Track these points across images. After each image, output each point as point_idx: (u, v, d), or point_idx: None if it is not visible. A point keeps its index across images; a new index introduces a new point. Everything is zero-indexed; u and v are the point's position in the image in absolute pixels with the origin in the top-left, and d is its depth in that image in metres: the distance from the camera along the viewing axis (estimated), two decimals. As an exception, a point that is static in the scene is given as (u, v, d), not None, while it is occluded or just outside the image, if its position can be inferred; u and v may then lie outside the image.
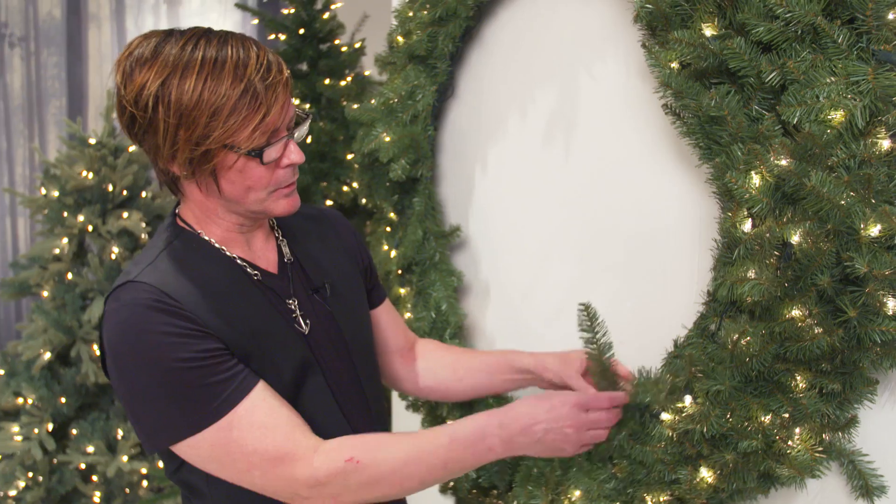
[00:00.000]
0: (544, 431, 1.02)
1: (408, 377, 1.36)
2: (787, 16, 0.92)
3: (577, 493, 1.19)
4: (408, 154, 1.66)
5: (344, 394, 1.11)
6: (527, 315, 1.62)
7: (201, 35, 0.95)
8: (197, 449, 0.96)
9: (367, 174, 1.79)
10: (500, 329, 1.71)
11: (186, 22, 5.30)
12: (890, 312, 0.86)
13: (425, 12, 1.62)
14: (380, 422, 1.17)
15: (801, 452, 0.96)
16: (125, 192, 2.59)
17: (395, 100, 1.69)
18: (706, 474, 1.03)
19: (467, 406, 1.50)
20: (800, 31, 0.93)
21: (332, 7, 2.42)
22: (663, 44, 1.07)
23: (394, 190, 1.75)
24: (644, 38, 1.12)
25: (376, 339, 1.31)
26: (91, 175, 2.52)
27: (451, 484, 1.55)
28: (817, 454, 0.96)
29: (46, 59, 5.39)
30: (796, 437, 0.96)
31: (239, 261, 1.05)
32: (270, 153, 0.97)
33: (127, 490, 2.54)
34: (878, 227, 0.85)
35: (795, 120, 0.91)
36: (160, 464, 2.45)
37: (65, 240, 2.49)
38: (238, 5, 2.40)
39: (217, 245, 1.05)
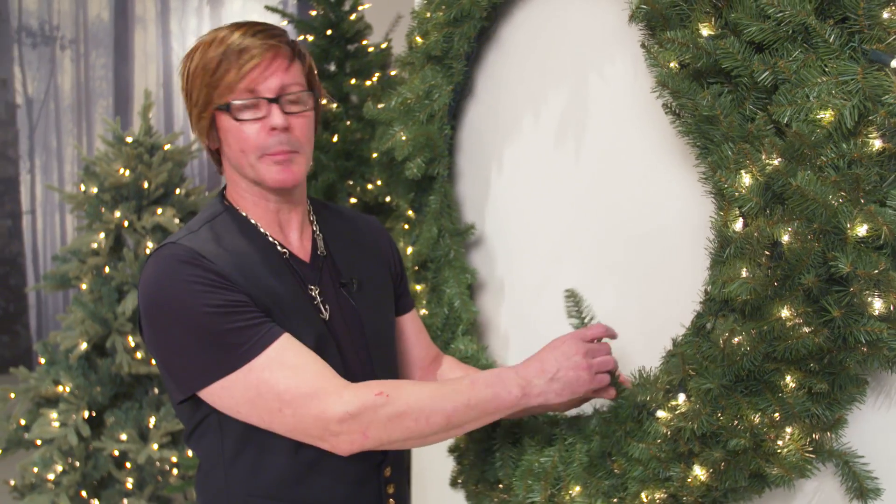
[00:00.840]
0: (556, 368, 1.09)
1: None
2: (779, 15, 0.92)
3: (577, 488, 1.20)
4: (423, 152, 1.69)
5: (358, 377, 1.12)
6: (538, 313, 1.64)
7: (227, 26, 1.10)
8: (230, 391, 1.01)
9: (385, 172, 1.82)
10: (512, 326, 1.73)
11: (228, 22, 5.43)
12: (876, 313, 0.85)
13: (441, 13, 1.64)
14: None
15: (790, 452, 0.96)
16: (160, 189, 2.68)
17: (413, 99, 1.72)
18: (699, 472, 1.04)
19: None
20: (791, 31, 0.92)
21: (360, 8, 2.46)
22: (662, 44, 1.07)
23: (411, 188, 1.78)
24: (644, 39, 1.13)
25: (398, 348, 1.35)
26: (128, 172, 2.61)
27: (461, 479, 1.57)
28: (807, 454, 0.96)
29: (95, 61, 5.57)
30: (786, 436, 0.96)
31: (270, 238, 1.14)
32: (243, 112, 1.07)
33: (159, 478, 2.63)
34: (865, 226, 0.85)
35: (786, 119, 0.91)
36: (189, 452, 2.53)
37: (102, 234, 2.59)
38: (268, 7, 2.47)
39: (252, 221, 1.15)
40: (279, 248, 1.14)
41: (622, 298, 1.39)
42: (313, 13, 2.41)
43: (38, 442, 2.60)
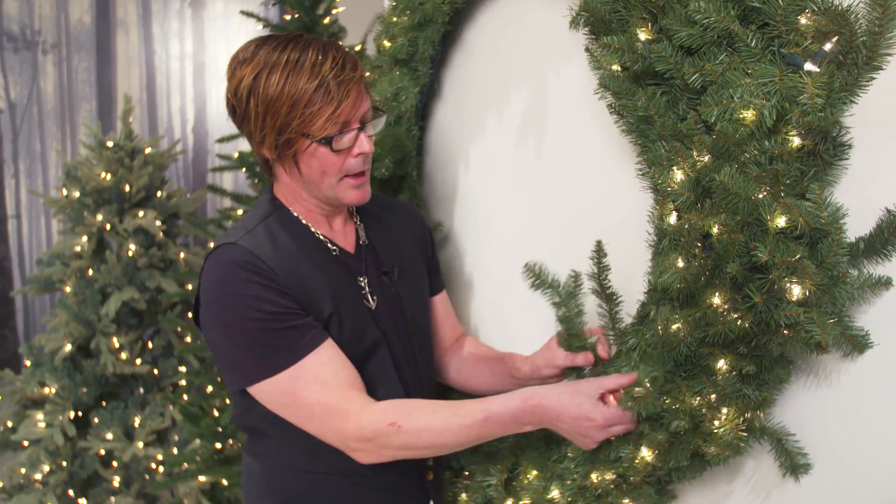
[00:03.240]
0: (570, 428, 1.09)
1: (444, 368, 1.48)
2: (705, 21, 0.98)
3: (534, 472, 1.26)
4: (392, 153, 1.74)
5: (403, 369, 1.25)
6: (506, 305, 1.70)
7: (290, 39, 1.12)
8: (269, 393, 1.11)
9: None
10: (482, 319, 1.78)
11: (210, 26, 5.46)
12: (794, 298, 0.91)
13: (405, 18, 1.70)
14: (432, 397, 1.32)
15: (726, 432, 1.02)
16: (141, 193, 2.72)
17: (381, 101, 1.77)
18: (646, 453, 1.10)
19: (442, 393, 1.58)
20: (717, 36, 0.98)
21: (334, 11, 2.51)
22: (603, 48, 1.13)
23: (381, 187, 1.83)
24: (588, 43, 1.18)
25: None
26: (109, 176, 2.65)
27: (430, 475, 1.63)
28: (741, 433, 1.02)
29: (77, 64, 5.59)
30: (722, 417, 1.02)
31: (321, 237, 1.21)
32: (341, 142, 1.12)
33: (146, 476, 2.68)
34: (784, 218, 0.91)
35: (713, 119, 0.97)
36: (174, 450, 2.58)
37: (85, 238, 2.63)
38: (244, 12, 2.51)
39: (304, 222, 1.21)
40: (329, 245, 1.21)
41: (583, 289, 1.45)
42: (288, 17, 2.45)
43: (25, 443, 2.64)
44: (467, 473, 1.48)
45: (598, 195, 1.41)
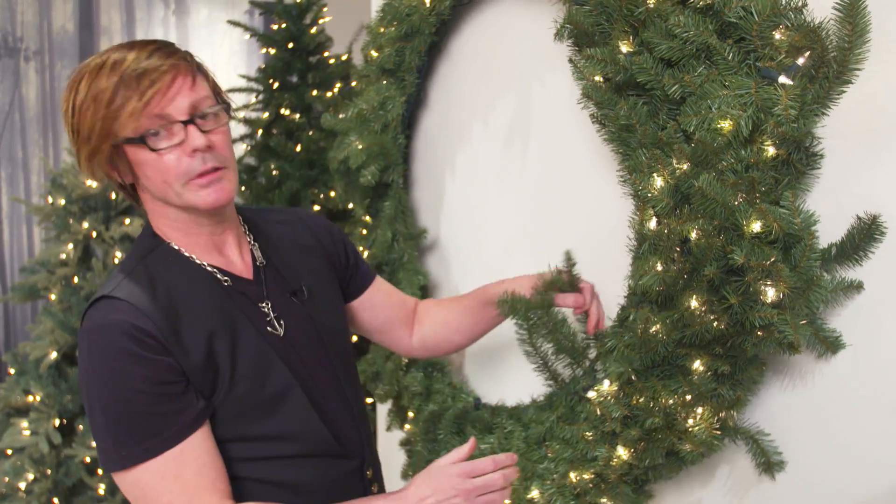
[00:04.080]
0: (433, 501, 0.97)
1: (414, 345, 1.40)
2: (684, 35, 1.02)
3: (518, 472, 1.29)
4: (377, 161, 1.77)
5: (324, 398, 1.12)
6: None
7: (113, 48, 1.01)
8: (122, 482, 0.98)
9: (343, 179, 1.90)
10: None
11: (195, 34, 5.47)
12: (768, 300, 0.95)
13: (392, 29, 1.73)
14: (362, 421, 1.19)
15: (700, 430, 1.05)
16: (127, 201, 2.72)
17: (367, 110, 1.80)
18: (622, 452, 1.13)
19: (425, 395, 1.61)
20: (696, 49, 1.02)
21: (321, 21, 2.54)
22: (586, 59, 1.17)
23: (367, 194, 1.86)
24: (571, 54, 1.22)
25: (377, 320, 1.37)
26: (95, 184, 2.66)
27: (411, 471, 1.66)
28: (714, 431, 1.05)
29: (60, 72, 5.57)
30: (696, 416, 1.06)
31: (209, 268, 1.07)
32: (158, 139, 0.98)
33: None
34: (759, 223, 0.95)
35: (692, 128, 1.01)
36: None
37: (70, 245, 2.63)
38: (231, 22, 2.53)
39: (187, 254, 1.07)
40: (219, 276, 1.07)
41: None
42: (275, 27, 2.48)
43: (9, 451, 2.63)
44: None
45: (582, 202, 1.45)
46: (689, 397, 1.05)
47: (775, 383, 1.09)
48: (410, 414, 1.60)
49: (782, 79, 0.97)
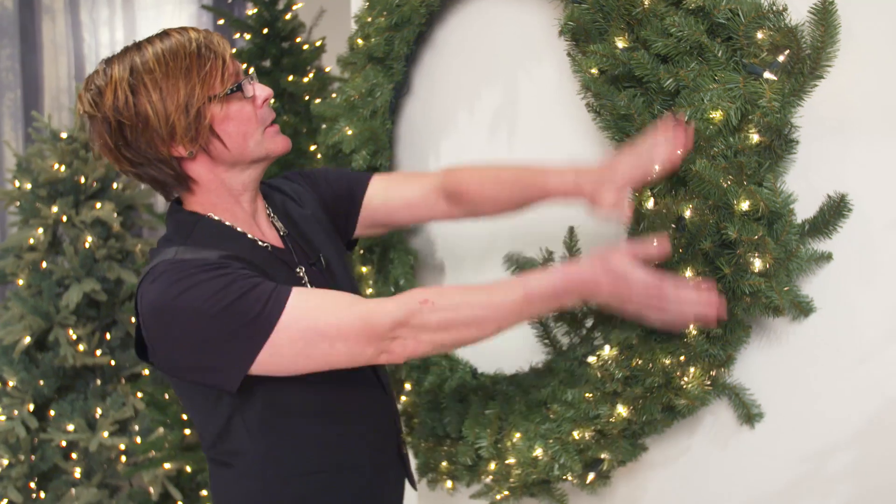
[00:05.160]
0: (609, 294, 1.06)
1: (448, 210, 1.37)
2: (679, 34, 1.14)
3: (517, 434, 1.40)
4: (368, 146, 1.85)
5: None
6: (477, 288, 1.83)
7: (158, 35, 1.07)
8: (278, 354, 1.00)
9: (331, 164, 1.97)
10: (453, 302, 1.91)
11: (141, 15, 5.36)
12: (756, 270, 1.09)
13: (382, 19, 1.80)
14: (382, 371, 1.29)
15: (694, 386, 1.19)
16: (97, 184, 2.72)
17: (356, 97, 1.87)
18: (622, 409, 1.25)
19: (423, 368, 1.70)
20: (689, 47, 1.14)
21: (294, 8, 2.58)
22: (585, 53, 1.27)
23: (357, 178, 1.94)
24: (569, 48, 1.33)
25: (399, 211, 1.38)
26: (63, 168, 2.64)
27: (409, 439, 1.75)
28: (706, 387, 1.19)
29: (0, 52, 5.39)
30: (690, 374, 1.19)
31: (251, 237, 1.14)
32: (248, 88, 1.10)
33: (105, 466, 2.69)
34: (747, 202, 1.08)
35: (686, 118, 1.13)
36: (138, 439, 2.61)
37: (40, 230, 2.61)
38: (205, 6, 2.55)
39: (227, 223, 1.13)
40: (261, 244, 1.15)
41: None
42: (250, 12, 2.51)
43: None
44: (449, 440, 1.62)
45: (568, 185, 1.56)
46: (683, 358, 1.18)
47: (755, 343, 1.23)
48: (408, 386, 1.70)
49: (766, 74, 1.10)
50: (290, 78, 2.50)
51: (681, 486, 1.37)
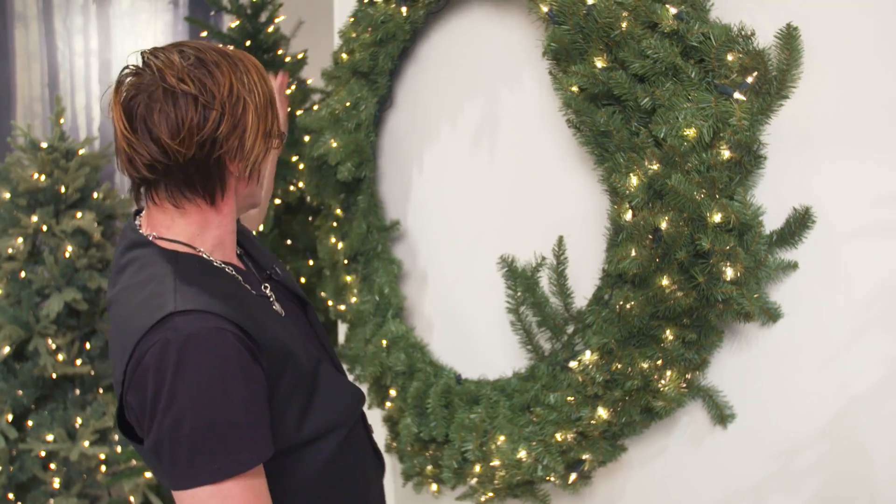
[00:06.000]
0: None
1: None
2: (655, 55, 1.20)
3: (502, 437, 1.46)
4: (353, 157, 1.89)
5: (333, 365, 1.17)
6: (458, 298, 1.88)
7: (200, 45, 1.03)
8: (199, 498, 0.91)
9: (315, 175, 2.01)
10: (435, 310, 1.96)
11: (116, 23, 5.35)
12: (728, 278, 1.15)
13: (367, 34, 1.85)
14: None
15: (671, 389, 1.25)
16: (77, 194, 2.73)
17: (341, 110, 1.92)
18: (602, 412, 1.31)
19: (408, 374, 1.75)
20: (664, 68, 1.21)
21: (276, 20, 2.62)
22: (566, 72, 1.34)
23: (340, 189, 1.98)
24: (550, 67, 1.39)
25: None
26: (43, 177, 2.65)
27: (395, 444, 1.80)
28: (682, 389, 1.25)
29: (-27, 59, 5.33)
30: (667, 377, 1.25)
31: (228, 269, 1.07)
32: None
33: (85, 476, 2.69)
34: (720, 215, 1.15)
35: (662, 135, 1.20)
36: (118, 448, 2.61)
37: (20, 239, 2.61)
38: (188, 19, 2.57)
39: (210, 258, 1.06)
40: (230, 270, 1.08)
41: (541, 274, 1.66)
42: (233, 25, 2.54)
43: (-45, 449, 2.59)
44: (435, 445, 1.66)
45: (548, 197, 1.62)
46: (660, 362, 1.24)
47: (727, 348, 1.30)
48: (392, 392, 1.74)
49: (736, 94, 1.17)
50: (273, 90, 2.54)
51: (659, 484, 1.43)
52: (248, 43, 2.54)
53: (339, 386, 1.13)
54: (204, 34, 2.56)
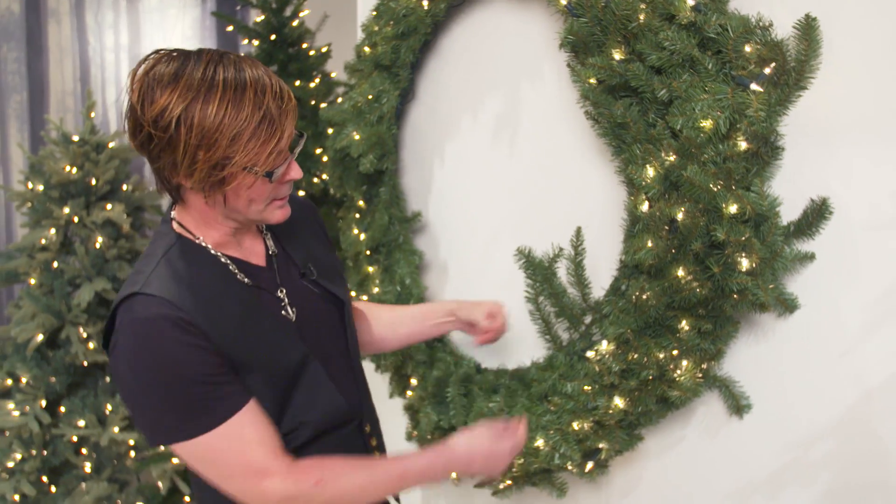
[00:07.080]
0: (482, 468, 1.18)
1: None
2: (672, 47, 1.21)
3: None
4: (375, 150, 1.92)
5: (338, 371, 1.20)
6: (479, 287, 1.90)
7: (219, 58, 0.99)
8: (189, 452, 1.05)
9: (338, 168, 2.04)
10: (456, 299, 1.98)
11: (145, 18, 5.43)
12: (744, 269, 1.16)
13: (389, 28, 1.87)
14: (364, 389, 1.29)
15: (686, 379, 1.26)
16: (107, 186, 2.79)
17: (363, 102, 1.94)
18: (618, 401, 1.33)
19: (429, 363, 1.78)
20: (681, 60, 1.22)
21: (301, 14, 2.65)
22: (583, 64, 1.35)
23: (362, 181, 2.01)
24: (569, 59, 1.40)
25: None
26: (75, 170, 2.71)
27: (415, 433, 1.82)
28: (698, 379, 1.26)
29: (6, 55, 5.46)
30: (683, 367, 1.26)
31: (231, 266, 1.11)
32: (279, 172, 1.03)
33: (115, 461, 2.76)
34: (735, 206, 1.16)
35: (679, 126, 1.21)
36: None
37: (52, 230, 2.68)
38: (215, 14, 2.62)
39: (213, 251, 1.10)
40: (239, 273, 1.12)
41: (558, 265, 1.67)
42: (259, 19, 2.58)
43: (-4, 432, 2.68)
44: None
45: (567, 188, 1.63)
46: (676, 352, 1.25)
47: (744, 339, 1.31)
48: (413, 381, 1.77)
49: (753, 85, 1.18)
50: (297, 83, 2.57)
51: (675, 474, 1.44)
52: (273, 37, 2.58)
53: (324, 389, 1.16)
54: (230, 28, 2.60)
